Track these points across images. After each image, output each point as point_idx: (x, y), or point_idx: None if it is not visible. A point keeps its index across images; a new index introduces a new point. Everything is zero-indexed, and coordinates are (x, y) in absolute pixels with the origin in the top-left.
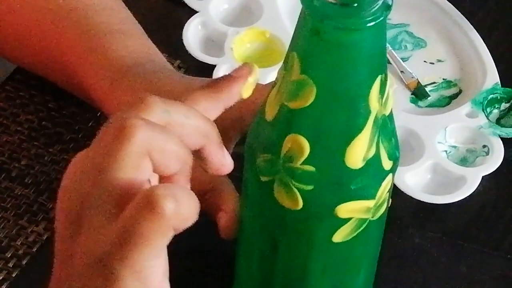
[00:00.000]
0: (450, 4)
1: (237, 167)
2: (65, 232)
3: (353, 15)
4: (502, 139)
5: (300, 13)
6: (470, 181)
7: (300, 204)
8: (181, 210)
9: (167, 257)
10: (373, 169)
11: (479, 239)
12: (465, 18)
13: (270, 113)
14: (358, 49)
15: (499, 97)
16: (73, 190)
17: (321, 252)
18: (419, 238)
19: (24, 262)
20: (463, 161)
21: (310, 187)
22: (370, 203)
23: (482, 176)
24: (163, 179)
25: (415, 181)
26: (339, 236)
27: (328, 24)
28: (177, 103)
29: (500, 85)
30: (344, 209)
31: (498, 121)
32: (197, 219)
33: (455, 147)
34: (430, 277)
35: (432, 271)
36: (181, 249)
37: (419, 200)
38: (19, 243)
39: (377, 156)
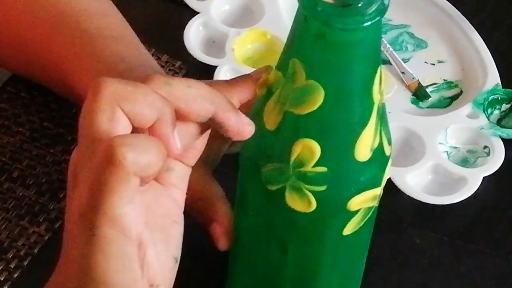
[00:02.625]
0: (451, 5)
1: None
2: (68, 193)
3: (358, 13)
4: (503, 140)
5: (298, 21)
6: (471, 182)
7: (314, 205)
8: (139, 157)
9: (145, 206)
10: (378, 158)
11: (479, 239)
12: (465, 19)
13: (271, 122)
14: (363, 46)
15: (499, 98)
16: (73, 157)
17: (332, 248)
18: (420, 239)
19: (25, 263)
20: (464, 162)
21: (323, 188)
22: (377, 190)
23: (483, 177)
24: (146, 131)
25: (416, 181)
26: (349, 229)
27: (334, 26)
28: (179, 78)
29: (500, 86)
30: (355, 202)
31: (498, 122)
32: (160, 165)
33: (456, 148)
34: (430, 277)
35: (433, 272)
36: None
37: (420, 201)
38: (20, 244)
39: (380, 144)
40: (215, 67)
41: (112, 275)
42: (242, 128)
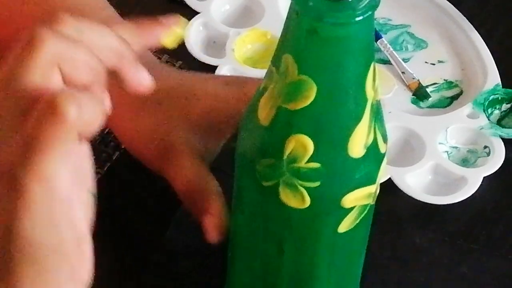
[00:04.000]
0: (451, 5)
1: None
2: None
3: (349, 8)
4: (503, 139)
5: (290, 17)
6: (471, 182)
7: (308, 202)
8: (83, 114)
9: (77, 166)
10: (372, 155)
11: (480, 239)
12: (466, 19)
13: (265, 118)
14: (355, 41)
15: (500, 98)
16: None
17: (328, 245)
18: (420, 239)
19: None
20: (464, 162)
21: (316, 184)
22: (372, 188)
23: (483, 177)
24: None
25: (416, 181)
26: (344, 226)
27: (325, 21)
28: (91, 23)
29: (501, 86)
30: (350, 199)
31: (499, 122)
32: (101, 125)
33: (456, 147)
34: (431, 277)
35: (433, 272)
36: (174, 249)
37: (420, 201)
38: None
39: (375, 141)
40: (216, 67)
41: (38, 234)
42: (139, 86)
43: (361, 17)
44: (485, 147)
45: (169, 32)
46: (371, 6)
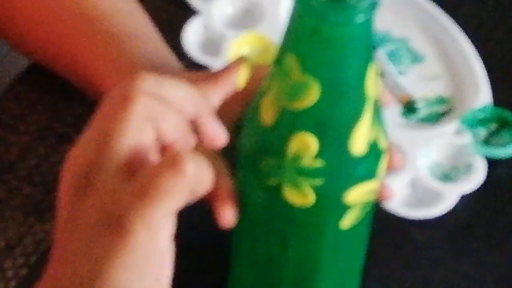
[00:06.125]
0: (453, 23)
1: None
2: (70, 198)
3: (351, 8)
4: (487, 158)
5: (293, 17)
6: (447, 198)
7: (312, 200)
8: (200, 173)
9: (174, 226)
10: (374, 151)
11: (480, 238)
12: (466, 38)
13: (268, 118)
14: (357, 40)
15: (488, 117)
16: (78, 157)
17: (331, 242)
18: (421, 237)
19: (32, 260)
20: (446, 178)
21: (320, 182)
22: (374, 184)
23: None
24: (163, 149)
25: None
26: (347, 223)
27: (328, 21)
28: (169, 78)
29: (491, 105)
30: (352, 196)
31: (485, 141)
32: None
33: (438, 163)
34: (431, 276)
35: (433, 270)
36: (175, 249)
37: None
38: (27, 242)
39: (376, 137)
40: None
41: (125, 283)
42: (216, 139)
43: (363, 17)
44: (468, 165)
45: (239, 73)
46: (372, 5)
